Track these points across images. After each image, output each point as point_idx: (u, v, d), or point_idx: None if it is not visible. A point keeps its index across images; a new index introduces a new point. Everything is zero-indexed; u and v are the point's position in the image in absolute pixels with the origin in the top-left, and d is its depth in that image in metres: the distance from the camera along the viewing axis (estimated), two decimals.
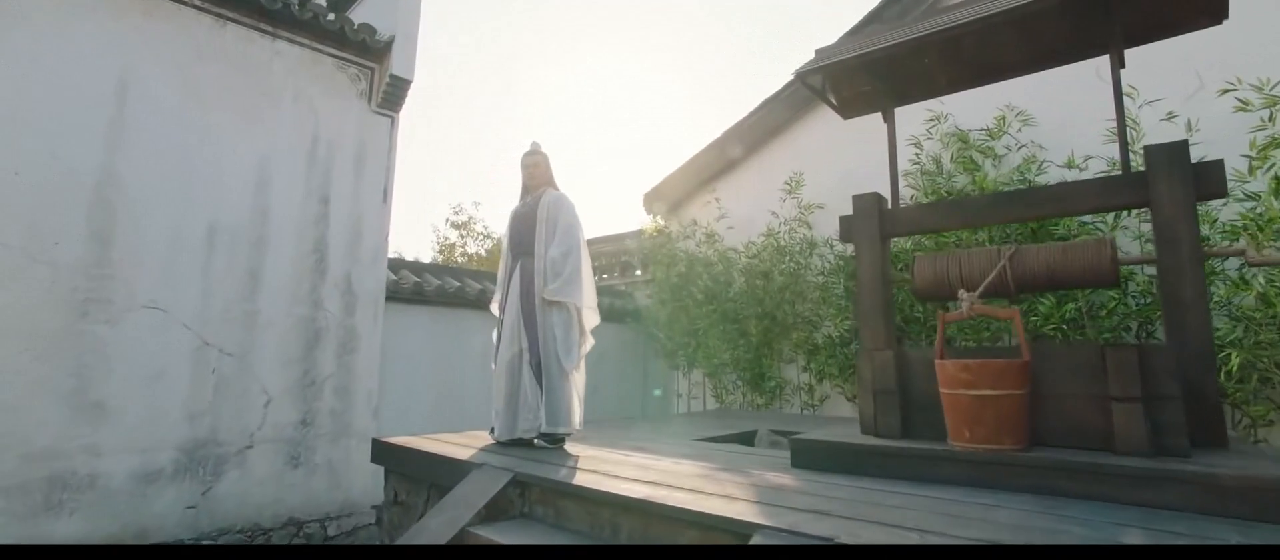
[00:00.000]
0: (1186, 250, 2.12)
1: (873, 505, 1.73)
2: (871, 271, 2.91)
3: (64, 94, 3.89)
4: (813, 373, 5.80)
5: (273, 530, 4.49)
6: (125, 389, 3.99)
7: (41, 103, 3.80)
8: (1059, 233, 4.19)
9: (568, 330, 2.91)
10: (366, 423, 5.09)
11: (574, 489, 2.02)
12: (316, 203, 4.96)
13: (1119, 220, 4.08)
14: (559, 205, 3.06)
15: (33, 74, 3.79)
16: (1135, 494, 1.73)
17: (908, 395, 2.35)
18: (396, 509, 2.96)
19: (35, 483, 3.67)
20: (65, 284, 3.82)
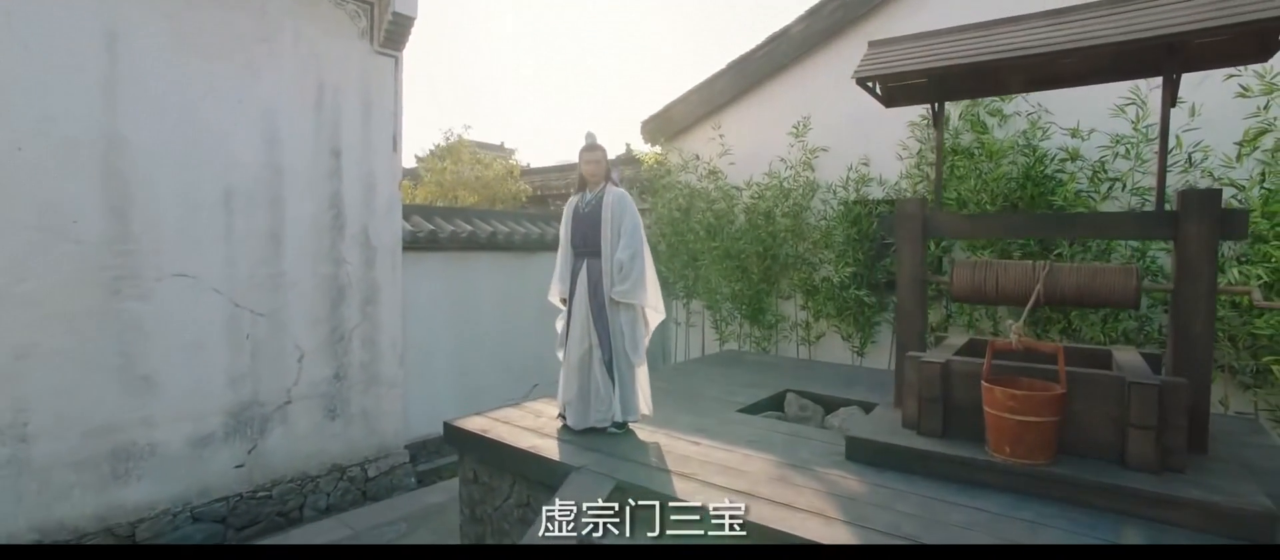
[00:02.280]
0: (1204, 286, 2.46)
1: (950, 523, 2.13)
2: (912, 271, 3.18)
3: (50, 54, 3.56)
4: (810, 312, 6.22)
5: (319, 477, 4.80)
6: (168, 360, 4.04)
7: (26, 66, 3.48)
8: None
9: (634, 328, 3.12)
10: (394, 371, 5.29)
11: (686, 505, 2.36)
12: (328, 156, 4.80)
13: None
14: (623, 207, 3.14)
15: (10, 34, 3.42)
16: (1147, 510, 2.18)
17: (948, 401, 2.73)
18: (476, 487, 3.26)
19: (101, 456, 3.80)
20: (92, 262, 3.73)
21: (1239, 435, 3.08)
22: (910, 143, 5.62)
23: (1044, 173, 4.71)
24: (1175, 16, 2.41)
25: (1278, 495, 2.36)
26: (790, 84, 6.51)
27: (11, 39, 3.44)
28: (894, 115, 5.61)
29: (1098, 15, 2.70)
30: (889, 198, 5.76)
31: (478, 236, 5.92)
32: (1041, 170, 4.71)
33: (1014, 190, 4.80)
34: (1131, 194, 4.39)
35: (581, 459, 2.77)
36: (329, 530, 4.35)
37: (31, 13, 3.50)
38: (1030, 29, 2.82)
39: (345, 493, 4.93)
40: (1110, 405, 2.40)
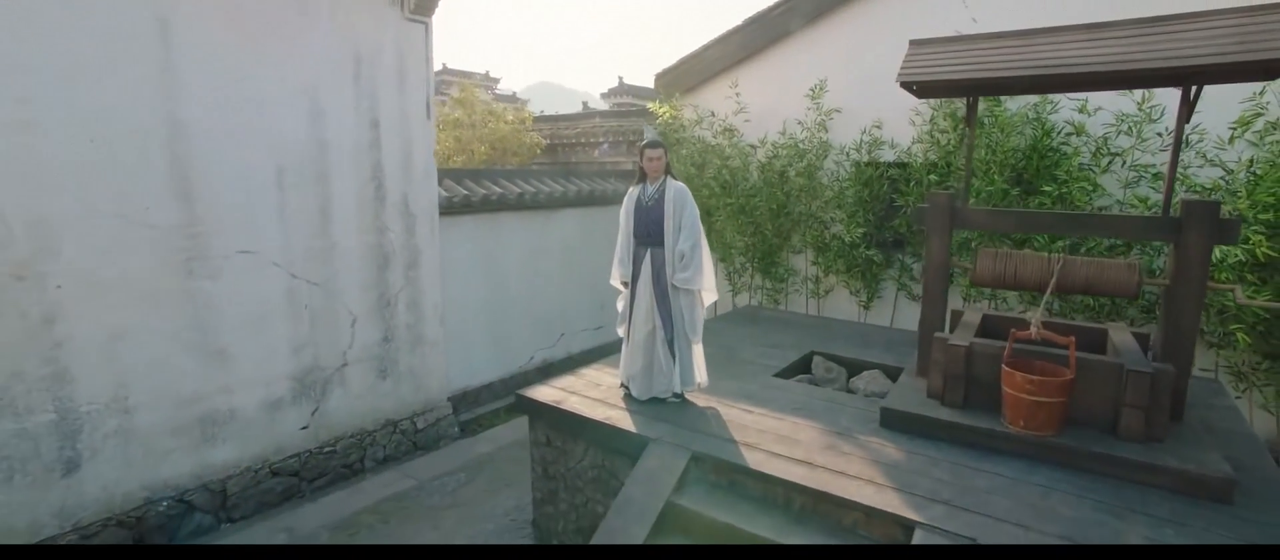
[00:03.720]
0: (1195, 287, 2.88)
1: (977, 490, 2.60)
2: (938, 258, 3.55)
3: (109, 45, 3.59)
4: (821, 267, 6.63)
5: (375, 431, 5.21)
6: (239, 333, 4.30)
7: (89, 59, 3.52)
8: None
9: (693, 310, 3.48)
10: (436, 331, 5.62)
11: (755, 472, 2.80)
12: (368, 128, 4.90)
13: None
14: (683, 201, 3.42)
15: (71, 28, 3.43)
16: (1134, 475, 2.67)
17: (969, 378, 3.17)
18: (549, 449, 3.69)
19: (191, 422, 4.13)
20: (167, 245, 3.91)
21: (1204, 397, 3.62)
22: (923, 108, 5.85)
23: (1050, 145, 5.03)
24: (1200, 47, 2.69)
25: (1234, 456, 2.89)
26: (806, 44, 6.60)
27: (73, 33, 3.45)
28: None
29: (1129, 33, 2.95)
30: (901, 160, 6.05)
31: (507, 198, 6.11)
32: (1048, 143, 5.03)
33: (1021, 161, 5.14)
34: (1130, 170, 4.75)
35: (655, 430, 3.19)
36: (393, 481, 4.80)
37: (89, 6, 3.49)
38: (1065, 43, 3.06)
39: (398, 444, 5.36)
40: (1109, 387, 2.87)
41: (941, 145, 5.70)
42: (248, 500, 4.43)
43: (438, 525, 4.17)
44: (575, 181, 7.13)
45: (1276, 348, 4.16)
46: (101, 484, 3.79)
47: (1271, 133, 4.27)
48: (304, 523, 4.23)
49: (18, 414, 3.45)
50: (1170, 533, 2.38)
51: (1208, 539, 2.33)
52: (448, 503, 4.46)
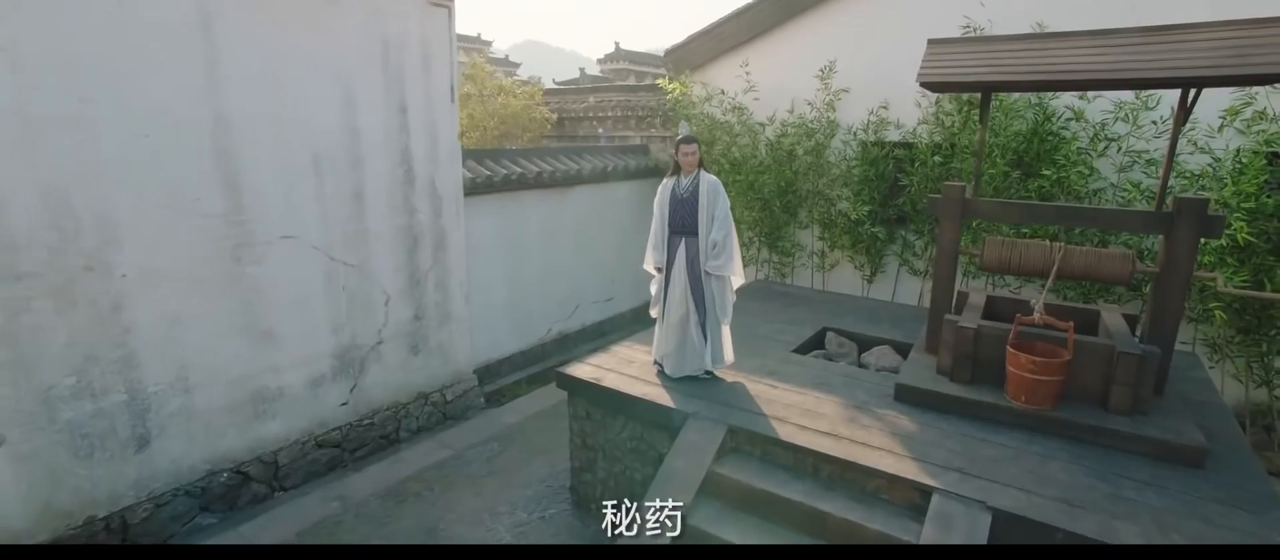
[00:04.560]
0: (1182, 278, 3.20)
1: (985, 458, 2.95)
2: (949, 246, 3.83)
3: (156, 43, 3.70)
4: (827, 242, 6.91)
5: (408, 404, 5.50)
6: (283, 316, 4.52)
7: (138, 56, 3.64)
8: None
9: (724, 295, 3.76)
10: (462, 307, 5.87)
11: (786, 443, 3.13)
12: (396, 113, 5.03)
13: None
14: (716, 194, 3.66)
15: (120, 26, 3.53)
16: (1122, 445, 3.03)
17: (976, 356, 3.50)
18: (588, 422, 3.99)
19: (244, 400, 4.39)
20: (215, 233, 4.09)
21: (1183, 370, 3.99)
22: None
23: (1050, 130, 5.29)
24: (1199, 58, 2.93)
25: (1207, 425, 3.26)
26: (815, 24, 6.72)
27: (125, 32, 3.55)
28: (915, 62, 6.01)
29: (1134, 41, 3.18)
30: (906, 141, 6.28)
31: (526, 177, 6.28)
32: (1049, 128, 5.29)
33: (1022, 145, 5.39)
34: (1125, 155, 5.04)
35: (692, 406, 3.50)
36: (432, 451, 5.11)
37: (138, 5, 3.58)
38: (1074, 47, 3.29)
39: (430, 416, 5.66)
40: (1101, 366, 3.21)
41: (946, 127, 5.93)
42: (297, 470, 4.73)
43: (479, 492, 4.50)
44: (588, 158, 7.29)
45: (1249, 323, 4.54)
46: (169, 458, 4.06)
47: (1259, 122, 4.55)
48: (354, 491, 4.54)
49: (95, 396, 3.68)
50: (1150, 494, 2.74)
51: (1181, 497, 2.70)
52: (485, 471, 4.79)
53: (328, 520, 4.19)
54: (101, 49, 3.48)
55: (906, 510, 2.83)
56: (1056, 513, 2.58)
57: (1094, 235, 4.98)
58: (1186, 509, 2.64)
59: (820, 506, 2.88)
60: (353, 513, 4.27)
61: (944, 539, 2.55)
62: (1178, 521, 2.55)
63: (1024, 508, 2.62)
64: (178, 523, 4.12)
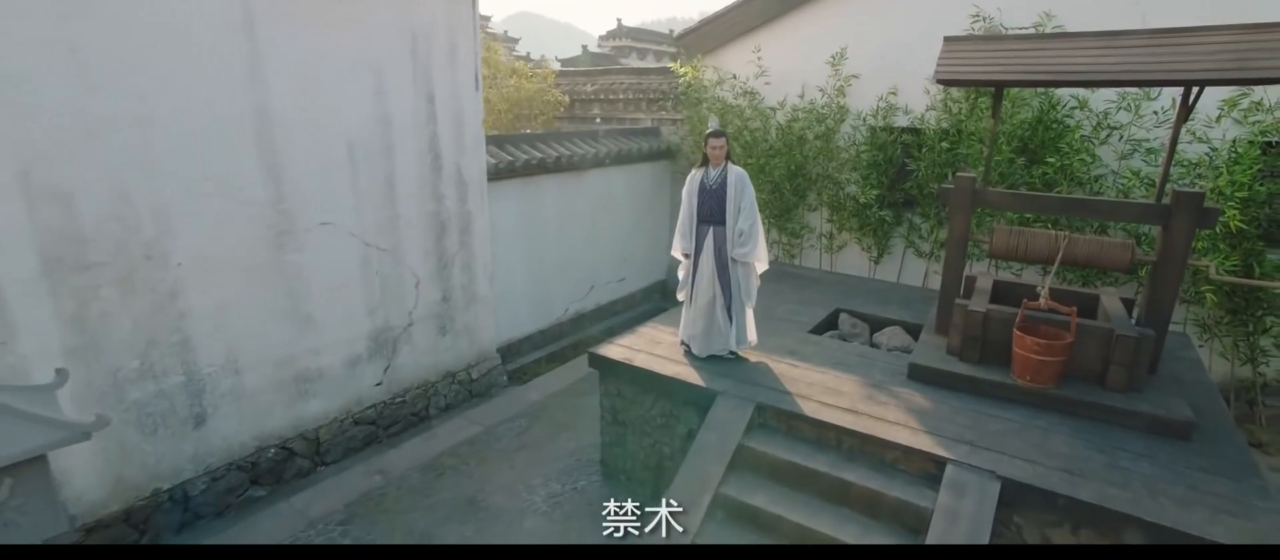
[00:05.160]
0: (1177, 266, 3.44)
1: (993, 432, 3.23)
2: (960, 233, 4.06)
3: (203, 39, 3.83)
4: (835, 225, 7.13)
5: (437, 383, 5.75)
6: (322, 300, 4.73)
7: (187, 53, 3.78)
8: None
9: (749, 280, 3.99)
10: (486, 289, 6.09)
11: (811, 418, 3.40)
12: (425, 102, 5.18)
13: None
14: (743, 185, 3.86)
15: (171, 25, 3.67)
16: (1117, 419, 3.31)
17: (985, 338, 3.76)
18: (619, 399, 4.25)
19: (288, 380, 4.62)
20: (260, 222, 4.28)
21: (1174, 349, 4.26)
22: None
23: (1055, 118, 5.49)
24: (1201, 62, 3.12)
25: (1195, 402, 3.54)
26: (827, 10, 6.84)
27: (174, 31, 3.68)
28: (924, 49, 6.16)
29: (1140, 43, 3.37)
30: (914, 126, 6.46)
31: (546, 161, 6.45)
32: (1053, 116, 5.49)
33: (1027, 133, 5.59)
34: (1126, 143, 5.25)
35: (721, 384, 3.76)
36: (462, 427, 5.37)
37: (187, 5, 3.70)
38: (1083, 48, 3.47)
39: (457, 394, 5.92)
40: (1100, 347, 3.47)
41: (953, 113, 6.11)
42: (337, 446, 4.99)
43: (512, 465, 4.78)
44: (603, 142, 7.44)
45: (1238, 305, 4.82)
46: (222, 435, 4.30)
47: (1255, 112, 4.76)
48: (393, 465, 4.81)
49: (156, 377, 3.91)
50: (1143, 464, 3.02)
51: (1170, 466, 2.99)
52: (516, 446, 5.06)
53: (372, 492, 4.47)
54: (155, 49, 3.63)
55: (922, 479, 3.12)
56: (1059, 481, 2.86)
57: (1094, 222, 5.21)
58: (1174, 477, 2.93)
59: (844, 476, 3.16)
60: (395, 485, 4.54)
61: (958, 504, 2.83)
62: (1166, 488, 2.84)
63: (1030, 477, 2.90)
64: (232, 495, 4.39)
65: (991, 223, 5.18)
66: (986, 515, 2.80)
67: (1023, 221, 5.23)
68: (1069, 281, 5.33)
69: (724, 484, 3.29)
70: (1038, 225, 5.20)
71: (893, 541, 2.93)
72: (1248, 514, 2.65)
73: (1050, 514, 2.85)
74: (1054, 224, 5.14)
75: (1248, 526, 2.56)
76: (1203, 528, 2.56)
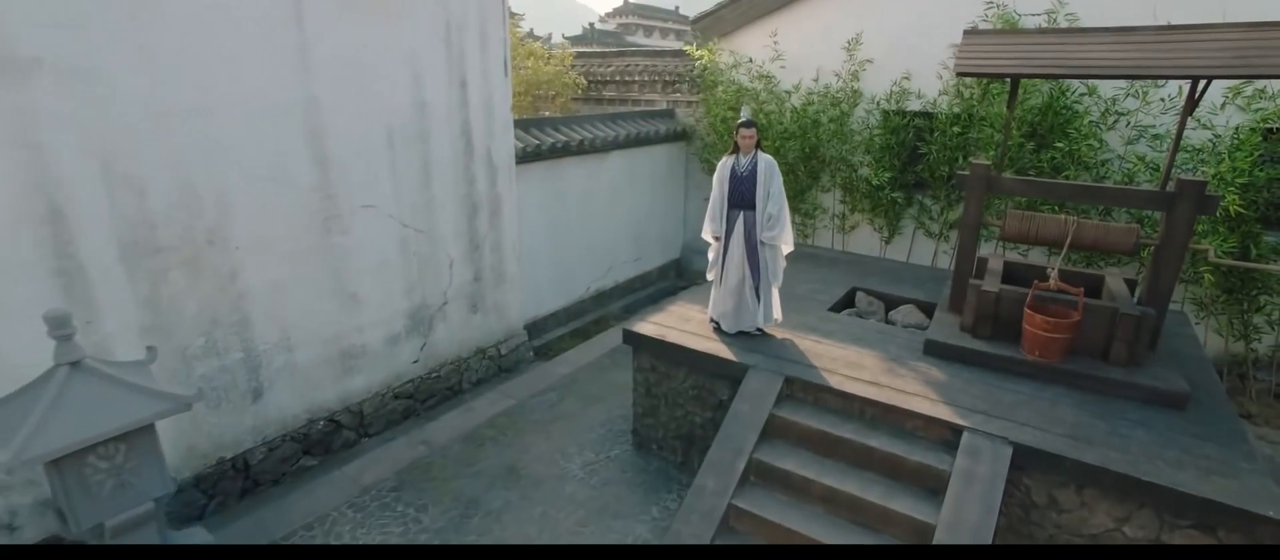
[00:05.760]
0: (1178, 250, 3.69)
1: (1005, 402, 3.51)
2: (974, 217, 4.30)
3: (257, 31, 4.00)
4: (848, 206, 7.36)
5: (469, 358, 6.02)
6: (365, 279, 4.97)
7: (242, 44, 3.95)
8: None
9: (776, 262, 4.24)
10: (514, 269, 6.33)
11: (836, 390, 3.68)
12: (458, 88, 5.36)
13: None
14: (772, 172, 4.09)
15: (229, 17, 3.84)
16: (1118, 392, 3.59)
17: (996, 316, 4.02)
18: (652, 373, 4.53)
19: (335, 357, 4.89)
20: (309, 206, 4.50)
21: (1173, 327, 4.54)
22: (950, 63, 6.39)
23: (1064, 104, 5.69)
24: (1207, 58, 3.33)
25: (1190, 375, 3.83)
26: None
27: (231, 24, 3.85)
28: (938, 35, 6.36)
29: (1150, 39, 3.58)
30: (926, 111, 6.65)
31: (569, 145, 6.65)
32: (1063, 102, 5.69)
33: (1036, 118, 5.80)
34: (1132, 129, 5.47)
35: (751, 359, 4.03)
36: (496, 401, 5.66)
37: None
38: (1097, 43, 3.68)
39: (488, 369, 6.20)
40: (1105, 325, 3.74)
41: (965, 98, 6.30)
42: (379, 419, 5.27)
43: (547, 436, 5.08)
44: (622, 124, 7.62)
45: (1233, 284, 5.09)
46: (278, 408, 4.58)
47: (1258, 99, 4.98)
48: (435, 436, 5.10)
49: (219, 354, 4.17)
50: (1140, 431, 3.31)
51: (1165, 433, 3.28)
52: (549, 417, 5.36)
53: (419, 461, 4.76)
54: (214, 42, 3.80)
55: (940, 445, 3.41)
56: (1065, 446, 3.15)
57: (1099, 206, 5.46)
58: (1169, 442, 3.22)
59: (868, 442, 3.45)
60: (439, 455, 4.84)
61: (974, 467, 3.13)
62: (1161, 452, 3.13)
63: (1039, 442, 3.18)
64: (286, 464, 4.68)
65: (1003, 207, 5.42)
66: (1000, 477, 3.09)
67: (1031, 206, 5.47)
68: (1074, 263, 5.59)
69: (757, 450, 3.58)
70: (1045, 209, 5.45)
71: (915, 500, 3.23)
72: (1234, 474, 2.94)
73: (1057, 475, 3.15)
74: (1061, 208, 5.39)
75: (1233, 485, 2.86)
76: (1193, 486, 2.85)
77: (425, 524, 4.08)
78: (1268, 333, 5.34)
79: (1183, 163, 5.13)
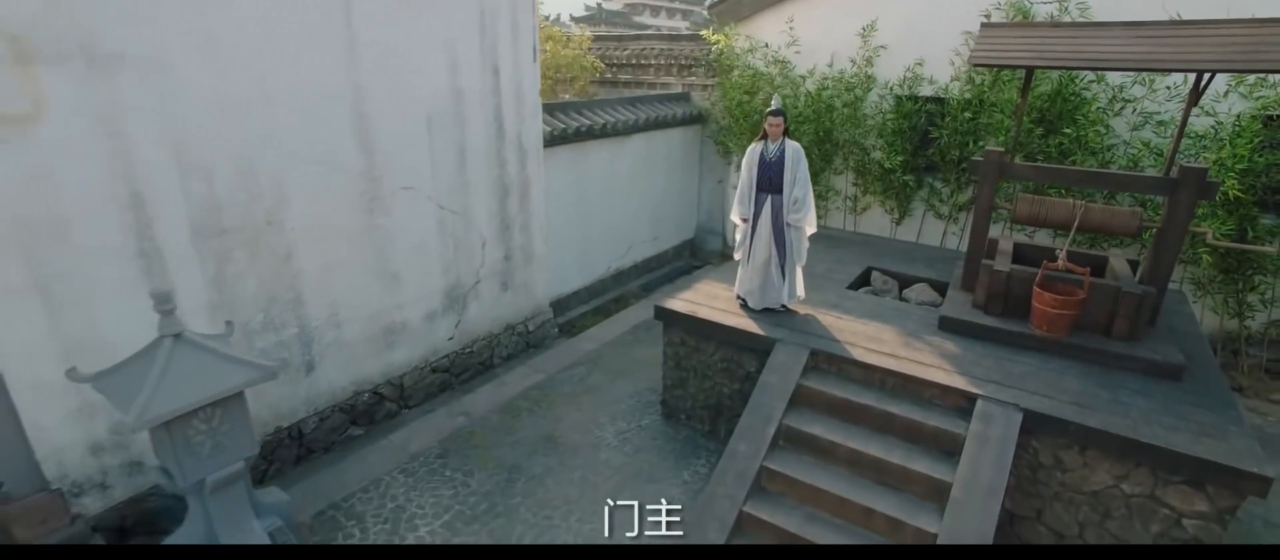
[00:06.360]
0: (1178, 233, 3.95)
1: (1015, 373, 3.80)
2: (986, 201, 4.55)
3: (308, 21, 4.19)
4: (860, 188, 7.59)
5: (499, 335, 6.30)
6: (405, 259, 5.23)
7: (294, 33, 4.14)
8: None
9: (801, 242, 4.50)
10: (542, 248, 6.58)
11: (858, 361, 3.96)
12: (490, 75, 5.56)
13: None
14: (799, 158, 4.33)
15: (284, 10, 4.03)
16: (1118, 364, 3.87)
17: (1007, 294, 4.30)
18: (682, 347, 4.81)
19: (378, 333, 5.16)
20: (355, 189, 4.74)
21: (1171, 305, 4.81)
22: (963, 50, 6.59)
23: (1073, 91, 5.90)
24: (1213, 52, 3.56)
25: (1186, 349, 4.11)
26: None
27: (286, 16, 4.05)
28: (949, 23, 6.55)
29: (1160, 33, 3.80)
30: (938, 96, 6.86)
31: (593, 128, 6.85)
32: (1072, 89, 5.90)
33: (1046, 105, 6.02)
34: (1138, 116, 5.69)
35: (778, 333, 4.31)
36: (527, 375, 5.95)
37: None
38: (1109, 37, 3.90)
39: (516, 345, 6.48)
40: (1108, 302, 4.02)
41: (976, 84, 6.51)
42: (418, 392, 5.57)
43: (579, 407, 5.38)
44: (641, 108, 7.82)
45: (1230, 265, 5.36)
46: (328, 381, 4.86)
47: (1260, 87, 5.20)
48: (473, 408, 5.40)
49: (276, 329, 4.44)
50: (1139, 399, 3.60)
51: (1161, 400, 3.57)
52: (579, 390, 5.65)
53: (460, 431, 5.06)
54: (271, 34, 4.00)
55: (955, 412, 3.70)
56: (1070, 412, 3.45)
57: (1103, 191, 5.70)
58: (1165, 409, 3.51)
59: (889, 409, 3.75)
60: (479, 425, 5.14)
61: (987, 431, 3.43)
62: (1158, 417, 3.42)
63: (1046, 409, 3.48)
64: (336, 433, 4.98)
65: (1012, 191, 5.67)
66: (1011, 440, 3.39)
67: (1038, 190, 5.72)
68: (1079, 244, 5.85)
69: (786, 417, 3.88)
70: (1052, 193, 5.70)
71: (933, 461, 3.53)
72: (1223, 437, 3.24)
73: (1063, 438, 3.45)
74: (1067, 192, 5.64)
75: (1222, 445, 3.16)
76: (1185, 447, 3.15)
77: (473, 487, 4.39)
78: (1261, 311, 5.64)
79: (1186, 149, 5.37)
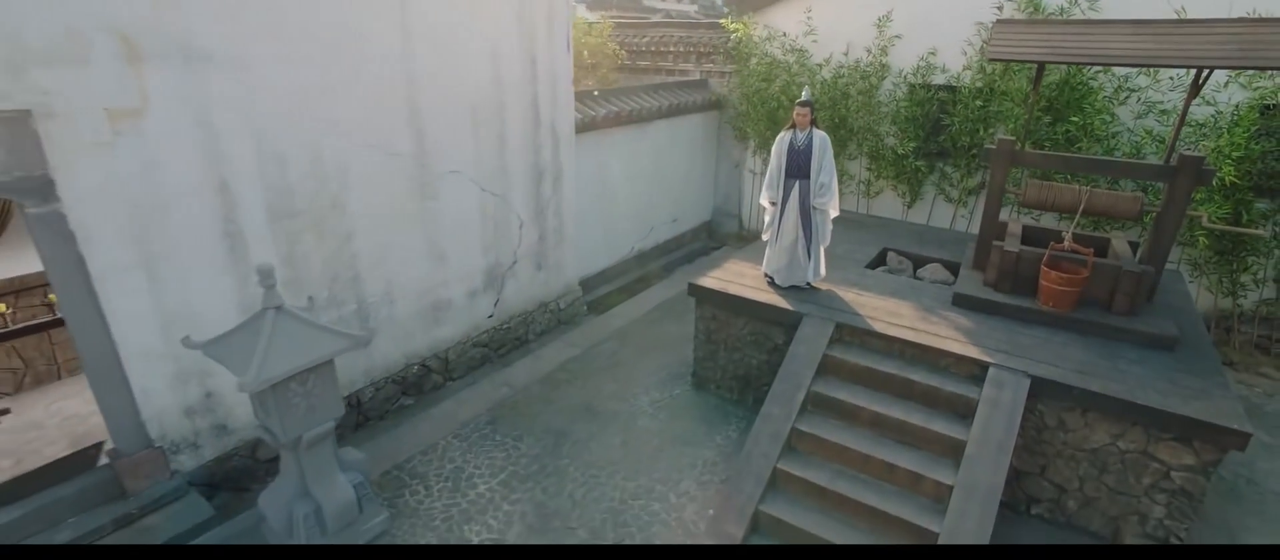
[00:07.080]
0: (1176, 217, 4.29)
1: (1023, 344, 4.16)
2: (997, 186, 4.88)
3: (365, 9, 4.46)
4: (873, 173, 7.91)
5: (533, 312, 6.66)
6: (451, 240, 5.56)
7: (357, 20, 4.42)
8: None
9: (825, 224, 4.83)
10: (572, 230, 6.92)
11: (880, 334, 4.33)
12: (528, 64, 5.85)
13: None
14: (825, 146, 4.65)
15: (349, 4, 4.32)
16: (1118, 336, 4.23)
17: (1016, 272, 4.65)
18: (713, 321, 5.18)
19: (427, 309, 5.52)
20: (409, 174, 5.06)
21: (1169, 284, 5.16)
22: (975, 40, 6.87)
23: (1080, 80, 6.20)
24: (1213, 50, 3.86)
25: (1180, 323, 4.47)
26: None
27: (348, 7, 4.33)
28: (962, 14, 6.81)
29: (1163, 32, 4.10)
30: (950, 84, 7.14)
31: (620, 115, 7.15)
32: (1079, 78, 6.19)
33: (1053, 93, 6.31)
34: (1142, 105, 5.99)
35: (805, 308, 4.67)
36: (562, 350, 6.32)
37: None
38: (1115, 35, 4.20)
39: (549, 321, 6.85)
40: (1110, 280, 4.37)
41: (987, 73, 6.80)
42: (461, 365, 5.94)
43: (613, 378, 5.75)
44: (664, 95, 8.10)
45: (1225, 246, 5.71)
46: (382, 354, 5.23)
47: (1259, 78, 5.50)
48: (514, 379, 5.77)
49: (338, 305, 4.79)
50: (1136, 367, 3.96)
51: (1156, 367, 3.93)
52: (611, 363, 6.03)
53: (506, 400, 5.44)
54: (335, 27, 4.29)
55: (968, 379, 4.07)
56: (1074, 378, 3.81)
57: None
58: (1159, 375, 3.88)
59: (908, 376, 4.12)
60: (522, 395, 5.52)
61: (998, 395, 3.80)
62: (1153, 382, 3.79)
63: (1052, 375, 3.84)
64: (389, 403, 5.36)
65: (1021, 177, 5.99)
66: (1019, 404, 3.77)
67: (1045, 176, 6.05)
68: (1083, 227, 6.19)
69: (814, 384, 4.25)
70: (1058, 179, 6.02)
71: (949, 422, 3.91)
72: (1210, 399, 3.61)
73: (1066, 402, 3.82)
74: (1072, 178, 5.96)
75: (1209, 406, 3.52)
76: (1177, 407, 3.52)
77: (524, 451, 4.78)
78: (1253, 290, 5.99)
79: (1186, 137, 5.68)
